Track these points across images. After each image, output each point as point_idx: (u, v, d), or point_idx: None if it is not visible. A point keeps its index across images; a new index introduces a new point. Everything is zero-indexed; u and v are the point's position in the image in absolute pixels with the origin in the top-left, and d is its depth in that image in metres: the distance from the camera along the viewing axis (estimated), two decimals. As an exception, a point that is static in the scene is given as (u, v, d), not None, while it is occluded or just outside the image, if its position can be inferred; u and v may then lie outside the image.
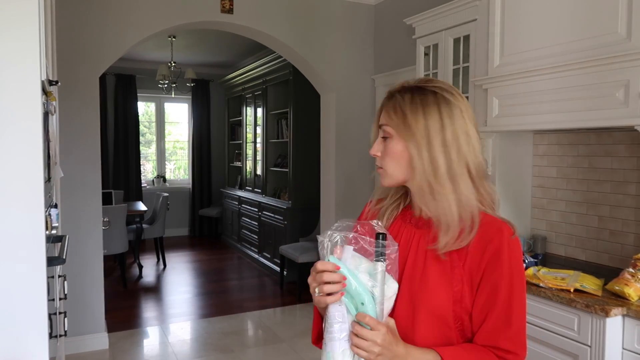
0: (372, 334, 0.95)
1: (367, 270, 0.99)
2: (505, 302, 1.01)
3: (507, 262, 1.01)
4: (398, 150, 1.07)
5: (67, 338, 3.04)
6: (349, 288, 0.97)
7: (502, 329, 1.01)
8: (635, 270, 2.03)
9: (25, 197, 1.39)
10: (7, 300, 1.38)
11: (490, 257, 1.01)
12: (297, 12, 4.34)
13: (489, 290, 1.01)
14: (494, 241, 1.01)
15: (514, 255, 1.02)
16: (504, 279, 1.01)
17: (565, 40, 2.32)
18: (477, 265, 1.02)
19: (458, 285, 1.02)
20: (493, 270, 1.01)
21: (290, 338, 4.06)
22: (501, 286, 1.01)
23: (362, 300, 0.96)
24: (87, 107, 3.69)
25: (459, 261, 1.03)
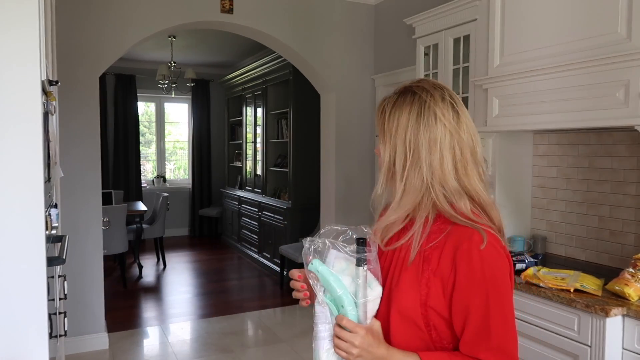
0: (350, 335, 0.98)
1: (351, 274, 1.01)
2: (480, 314, 0.97)
3: (478, 271, 0.97)
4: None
5: (67, 338, 3.04)
6: (331, 290, 1.01)
7: (480, 341, 0.98)
8: (635, 270, 2.03)
9: (25, 197, 1.39)
10: (7, 300, 1.38)
11: (460, 265, 0.98)
12: (297, 12, 4.34)
13: (462, 302, 0.98)
14: (462, 247, 0.98)
15: (487, 263, 0.97)
16: (476, 289, 0.97)
17: (565, 40, 2.32)
18: (447, 272, 1.00)
19: (424, 289, 1.01)
20: (464, 279, 0.98)
21: (290, 338, 4.06)
22: (474, 297, 0.97)
23: (342, 303, 1.00)
24: (87, 107, 3.69)
25: (427, 265, 1.02)
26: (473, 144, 1.06)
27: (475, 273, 0.97)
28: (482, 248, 0.97)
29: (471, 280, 0.97)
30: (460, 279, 0.98)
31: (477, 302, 0.97)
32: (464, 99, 3.16)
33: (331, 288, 1.00)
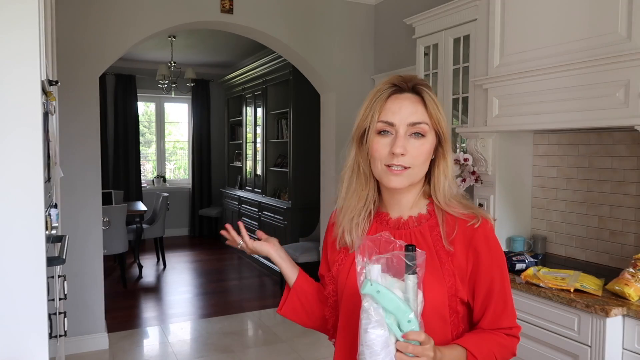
0: (423, 348, 0.91)
1: (398, 285, 0.94)
2: (500, 289, 1.08)
3: (495, 250, 1.09)
4: (430, 148, 1.09)
5: (67, 338, 3.04)
6: (393, 307, 0.92)
7: (502, 312, 1.09)
8: (635, 270, 2.03)
9: (25, 197, 1.39)
10: (7, 300, 1.37)
11: (481, 249, 1.07)
12: (297, 12, 4.34)
13: (487, 283, 1.08)
14: (478, 232, 1.08)
15: (496, 241, 1.10)
16: (496, 267, 1.08)
17: (565, 40, 2.32)
18: (464, 259, 1.07)
19: (451, 279, 1.06)
20: (487, 261, 1.08)
21: (290, 338, 4.06)
22: (495, 276, 1.08)
23: (409, 318, 0.92)
24: (87, 107, 3.69)
25: (447, 257, 1.07)
26: None
27: (493, 251, 1.08)
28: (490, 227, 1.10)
29: (492, 258, 1.08)
30: (483, 259, 1.07)
31: (498, 277, 1.09)
32: (464, 99, 3.16)
33: (396, 306, 0.91)
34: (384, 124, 1.08)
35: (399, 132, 1.06)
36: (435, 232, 1.10)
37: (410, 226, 1.12)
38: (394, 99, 1.08)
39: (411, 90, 1.08)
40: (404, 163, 1.06)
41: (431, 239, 1.09)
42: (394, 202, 1.15)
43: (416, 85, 1.08)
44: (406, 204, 1.14)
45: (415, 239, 1.10)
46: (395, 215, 1.15)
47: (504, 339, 1.10)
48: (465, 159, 2.89)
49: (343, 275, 1.15)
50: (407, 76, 1.11)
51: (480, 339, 1.07)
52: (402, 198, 1.14)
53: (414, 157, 1.06)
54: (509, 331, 1.10)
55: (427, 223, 1.12)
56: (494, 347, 1.08)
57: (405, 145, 1.05)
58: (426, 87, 1.09)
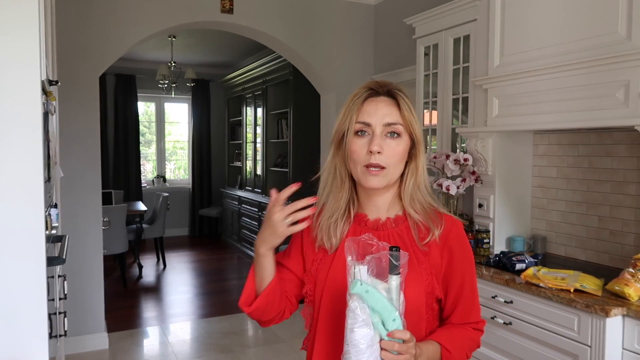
0: (407, 346, 0.96)
1: (382, 285, 0.97)
2: (470, 286, 1.17)
3: (468, 250, 1.18)
4: (404, 149, 1.13)
5: (67, 338, 3.04)
6: (380, 306, 0.94)
7: (470, 308, 1.18)
8: (635, 270, 2.03)
9: (25, 197, 1.39)
10: (7, 300, 1.37)
11: (455, 248, 1.15)
12: (297, 12, 4.34)
13: (459, 281, 1.16)
14: (452, 233, 1.15)
15: (467, 241, 1.19)
16: (467, 266, 1.17)
17: (565, 40, 2.32)
18: (438, 258, 1.14)
19: (428, 277, 1.12)
20: (461, 259, 1.16)
21: (290, 338, 4.06)
22: (466, 273, 1.16)
23: (394, 317, 0.95)
24: (87, 107, 3.69)
25: (423, 257, 1.13)
26: None
27: (466, 252, 1.17)
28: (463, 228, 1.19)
29: (464, 257, 1.16)
30: (457, 258, 1.15)
31: (468, 276, 1.17)
32: (464, 99, 3.16)
33: (383, 306, 0.94)
34: (361, 125, 1.12)
35: (376, 132, 1.11)
36: (411, 233, 1.16)
37: (388, 227, 1.16)
38: (370, 102, 1.13)
39: (386, 94, 1.14)
40: (381, 162, 1.10)
41: (408, 240, 1.15)
42: (371, 203, 1.18)
43: (391, 90, 1.14)
44: (383, 205, 1.18)
45: (393, 240, 1.14)
46: (373, 217, 1.18)
47: (472, 332, 1.18)
48: (465, 159, 2.89)
49: (322, 275, 1.16)
50: (382, 81, 1.16)
51: (452, 334, 1.15)
52: (378, 199, 1.17)
53: (388, 156, 1.11)
54: (475, 325, 1.19)
55: (404, 224, 1.17)
56: (465, 341, 1.16)
57: (381, 144, 1.10)
58: (400, 91, 1.14)
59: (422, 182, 1.16)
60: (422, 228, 1.15)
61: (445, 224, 1.15)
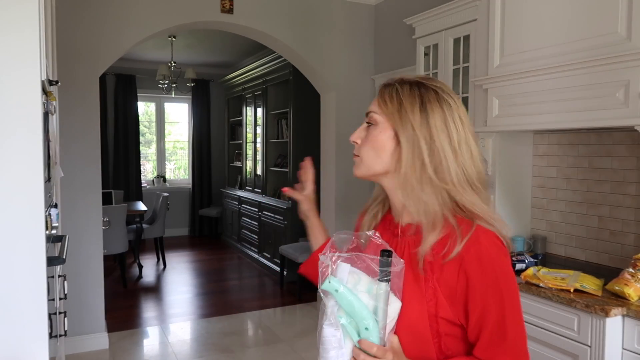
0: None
1: (367, 289, 0.90)
2: (497, 317, 0.95)
3: (491, 273, 0.94)
4: (381, 139, 1.04)
5: (67, 338, 3.04)
6: (350, 310, 0.89)
7: (497, 344, 0.95)
8: (635, 270, 2.03)
9: (25, 197, 1.39)
10: (7, 300, 1.38)
11: (471, 271, 0.94)
12: (297, 12, 4.34)
13: (478, 307, 0.95)
14: (470, 252, 0.95)
15: (497, 264, 0.95)
16: (491, 292, 0.94)
17: (565, 40, 2.32)
18: (454, 280, 0.95)
19: (431, 299, 0.96)
20: (479, 284, 0.94)
21: (290, 338, 4.06)
22: (489, 301, 0.94)
23: (367, 325, 0.89)
24: (87, 107, 3.69)
25: (431, 274, 0.97)
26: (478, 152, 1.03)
27: (488, 276, 0.94)
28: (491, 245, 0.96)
29: (486, 284, 0.94)
30: (474, 284, 0.95)
31: (493, 306, 0.94)
32: (464, 99, 3.16)
33: (353, 309, 0.89)
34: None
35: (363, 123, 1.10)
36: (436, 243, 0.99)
37: (405, 234, 1.05)
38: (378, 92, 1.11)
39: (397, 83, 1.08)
40: (356, 151, 1.10)
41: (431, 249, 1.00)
42: (392, 203, 1.10)
43: (383, 84, 1.09)
44: (398, 206, 1.08)
45: (406, 249, 1.03)
46: (396, 219, 1.09)
47: None
48: (465, 159, 2.89)
49: None
50: (408, 75, 1.10)
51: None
52: (392, 198, 1.08)
53: (363, 145, 1.08)
54: None
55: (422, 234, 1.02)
56: None
57: (358, 135, 1.10)
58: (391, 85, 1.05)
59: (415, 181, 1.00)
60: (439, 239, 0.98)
61: (467, 241, 0.95)
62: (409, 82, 1.05)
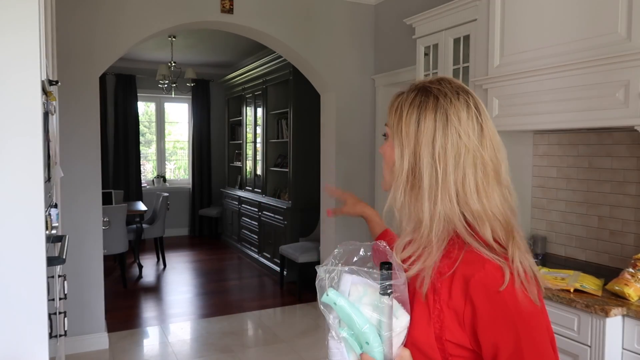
0: None
1: (371, 302, 0.87)
2: (511, 354, 0.85)
3: (499, 304, 0.85)
4: (390, 153, 0.99)
5: (67, 338, 3.04)
6: (350, 323, 0.86)
7: None
8: (635, 270, 2.03)
9: (25, 197, 1.39)
10: (7, 300, 1.38)
11: (477, 298, 0.86)
12: (297, 12, 4.34)
13: (489, 339, 0.87)
14: (475, 278, 0.87)
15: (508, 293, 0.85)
16: (503, 326, 0.86)
17: (565, 41, 2.32)
18: (461, 304, 0.88)
19: (437, 322, 0.90)
20: (486, 315, 0.86)
21: (290, 338, 4.06)
22: (502, 336, 0.86)
23: (367, 339, 0.86)
24: (87, 107, 3.69)
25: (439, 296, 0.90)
26: (498, 162, 0.94)
27: (497, 308, 0.86)
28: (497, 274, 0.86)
29: (494, 316, 0.86)
30: (481, 315, 0.86)
31: (507, 342, 0.85)
32: (464, 99, 3.16)
33: (353, 323, 0.86)
34: None
35: None
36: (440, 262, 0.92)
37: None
38: None
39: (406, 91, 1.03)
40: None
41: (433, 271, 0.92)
42: None
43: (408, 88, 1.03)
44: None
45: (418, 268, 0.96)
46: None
47: None
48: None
49: None
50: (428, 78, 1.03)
51: None
52: None
53: (383, 160, 1.04)
54: None
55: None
56: None
57: (383, 146, 1.05)
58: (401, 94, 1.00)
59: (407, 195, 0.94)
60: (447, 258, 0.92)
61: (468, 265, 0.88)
62: (418, 88, 0.98)
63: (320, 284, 0.90)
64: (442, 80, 0.98)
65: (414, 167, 0.94)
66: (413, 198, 0.94)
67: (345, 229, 4.60)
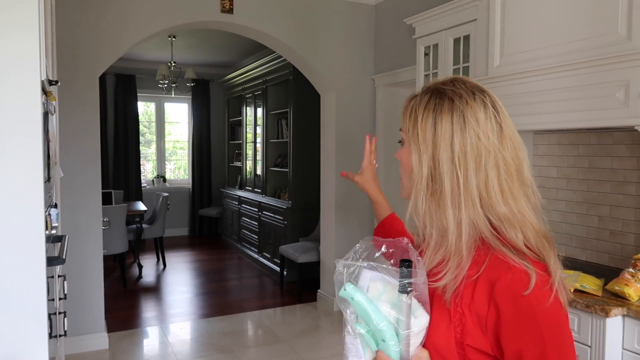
0: None
1: (390, 299, 0.86)
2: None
3: (526, 309, 0.83)
4: (407, 159, 0.96)
5: (67, 338, 3.04)
6: (367, 320, 0.85)
7: None
8: (635, 270, 2.03)
9: (25, 197, 1.39)
10: (7, 300, 1.38)
11: (502, 303, 0.84)
12: (297, 12, 4.34)
13: (512, 346, 0.84)
14: (500, 282, 0.84)
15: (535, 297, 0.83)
16: (527, 331, 0.83)
17: (565, 40, 2.32)
18: (484, 309, 0.86)
19: (458, 326, 0.87)
20: (511, 320, 0.84)
21: (290, 338, 4.06)
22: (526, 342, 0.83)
23: (383, 337, 0.84)
24: (87, 107, 3.69)
25: (461, 299, 0.88)
26: (519, 161, 0.92)
27: (523, 313, 0.83)
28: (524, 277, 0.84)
29: (520, 322, 0.83)
30: (506, 320, 0.84)
31: (531, 346, 0.83)
32: (464, 99, 3.16)
33: (369, 319, 0.85)
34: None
35: None
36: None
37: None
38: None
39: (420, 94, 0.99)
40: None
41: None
42: None
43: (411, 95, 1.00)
44: None
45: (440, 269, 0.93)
46: None
47: None
48: (465, 159, 2.89)
49: None
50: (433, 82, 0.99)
51: None
52: None
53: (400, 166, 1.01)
54: None
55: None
56: None
57: (398, 152, 1.02)
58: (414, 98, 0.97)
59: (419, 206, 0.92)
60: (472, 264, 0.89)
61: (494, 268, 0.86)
62: (431, 90, 0.95)
63: (338, 278, 0.88)
64: (456, 81, 0.95)
65: (434, 172, 0.90)
66: (434, 205, 0.90)
67: (346, 229, 4.60)
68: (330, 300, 4.69)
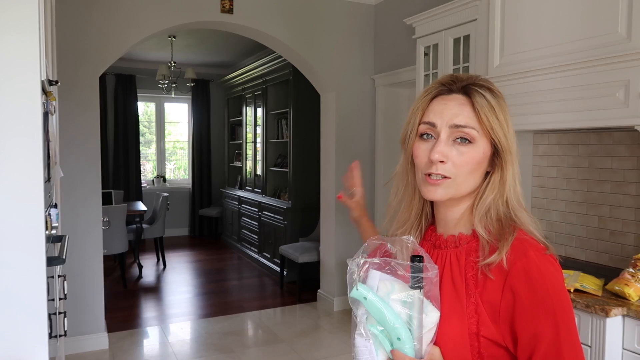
0: None
1: (400, 298, 0.86)
2: (550, 340, 0.85)
3: (542, 292, 0.85)
4: (479, 157, 0.93)
5: (67, 338, 3.04)
6: (381, 319, 0.85)
7: None
8: (635, 270, 2.03)
9: (25, 197, 1.39)
10: (7, 300, 1.38)
11: (518, 287, 0.86)
12: (297, 12, 4.34)
13: (529, 329, 0.86)
14: (516, 266, 0.87)
15: (549, 281, 0.86)
16: (543, 312, 0.85)
17: (565, 40, 2.32)
18: (497, 296, 0.88)
19: (473, 316, 0.89)
20: (528, 303, 0.86)
21: (290, 338, 4.06)
22: (541, 322, 0.85)
23: (399, 335, 0.84)
24: (87, 107, 3.69)
25: (474, 288, 0.90)
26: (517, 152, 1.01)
27: (539, 294, 0.86)
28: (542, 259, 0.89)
29: (536, 303, 0.85)
30: (522, 303, 0.86)
31: (546, 328, 0.85)
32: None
33: (383, 318, 0.84)
34: (426, 126, 0.95)
35: (441, 136, 0.93)
36: (471, 257, 0.93)
37: (448, 246, 0.98)
38: (439, 100, 0.96)
39: (460, 91, 0.95)
40: (444, 172, 0.92)
41: (465, 265, 0.93)
42: (440, 216, 1.02)
43: (467, 86, 0.95)
44: (451, 220, 1.00)
45: (448, 261, 0.96)
46: (440, 232, 1.02)
47: None
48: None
49: None
50: (460, 75, 0.98)
51: None
52: (447, 213, 1.00)
53: (456, 165, 0.92)
54: None
55: (466, 245, 0.96)
56: None
57: (445, 152, 0.92)
58: (481, 87, 0.94)
59: (511, 197, 0.95)
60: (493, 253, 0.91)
61: (511, 253, 0.88)
62: (483, 87, 0.95)
63: (352, 277, 0.88)
64: (477, 77, 0.98)
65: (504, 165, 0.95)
66: (498, 195, 0.95)
67: (346, 229, 4.60)
68: (330, 301, 4.69)
